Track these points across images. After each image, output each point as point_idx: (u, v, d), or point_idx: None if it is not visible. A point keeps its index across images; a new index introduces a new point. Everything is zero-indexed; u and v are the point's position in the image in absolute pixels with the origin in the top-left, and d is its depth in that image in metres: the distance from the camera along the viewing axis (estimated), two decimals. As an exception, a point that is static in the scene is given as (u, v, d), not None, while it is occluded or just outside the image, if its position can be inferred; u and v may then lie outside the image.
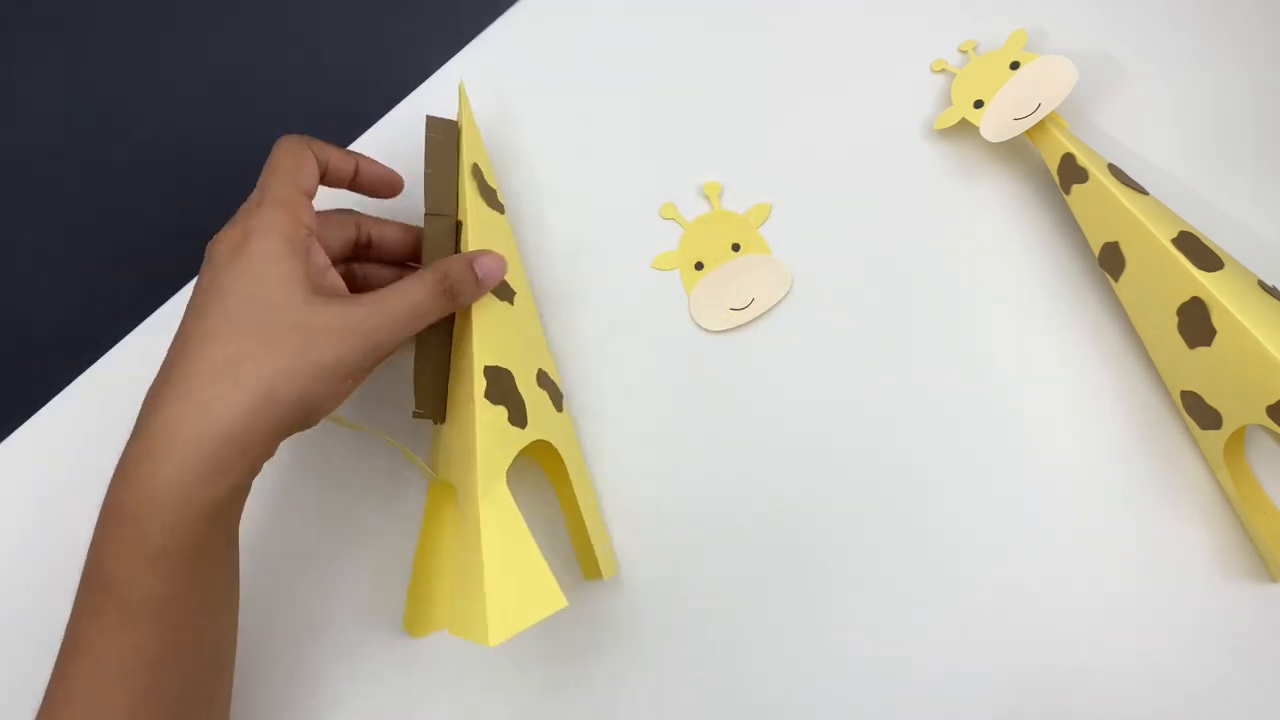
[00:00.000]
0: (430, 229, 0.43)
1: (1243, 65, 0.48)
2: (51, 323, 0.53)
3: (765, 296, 0.48)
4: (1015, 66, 0.48)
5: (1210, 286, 0.39)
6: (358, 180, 0.42)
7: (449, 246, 0.44)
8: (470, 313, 0.42)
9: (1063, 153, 0.45)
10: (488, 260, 0.41)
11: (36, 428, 0.50)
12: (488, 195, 0.47)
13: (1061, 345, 0.45)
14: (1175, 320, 0.40)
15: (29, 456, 0.49)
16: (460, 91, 0.48)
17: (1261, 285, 0.40)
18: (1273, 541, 0.40)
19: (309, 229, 0.38)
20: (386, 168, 0.44)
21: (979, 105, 0.48)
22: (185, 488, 0.33)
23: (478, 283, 0.40)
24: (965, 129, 0.48)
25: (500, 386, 0.41)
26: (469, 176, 0.45)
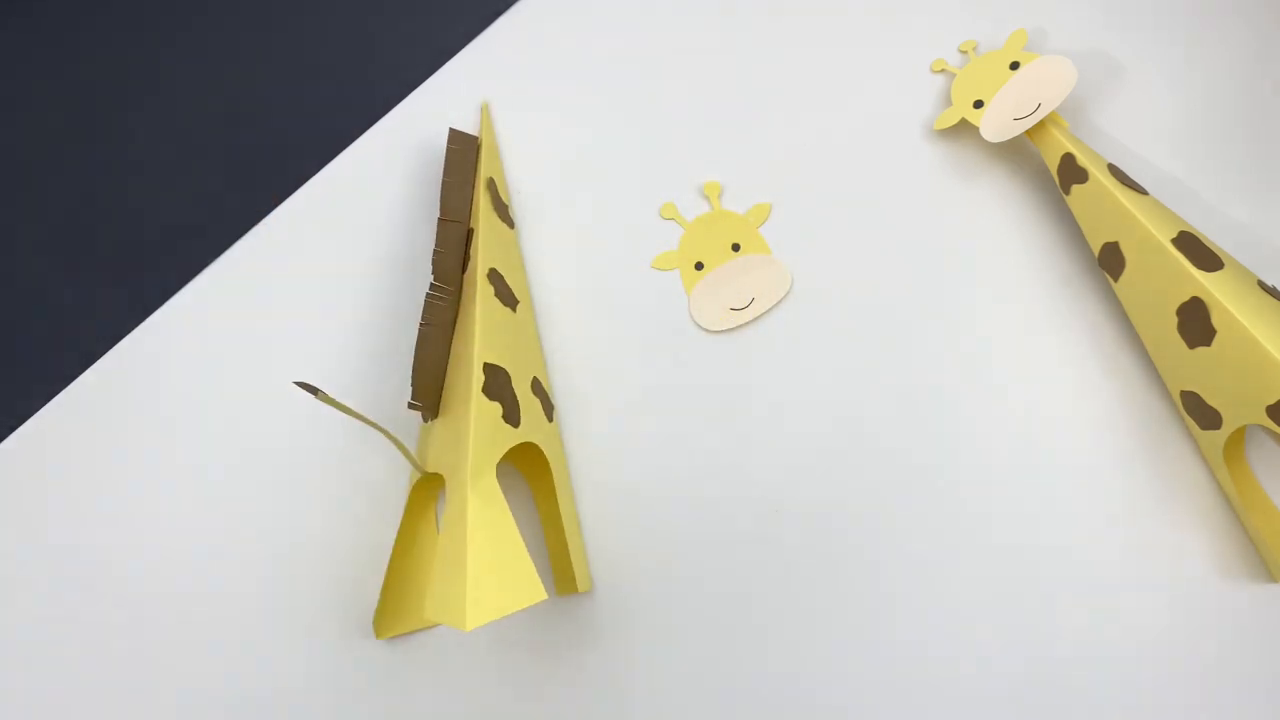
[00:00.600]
0: (442, 233, 0.46)
1: (1243, 65, 0.48)
2: (51, 323, 0.53)
3: (765, 296, 0.48)
4: (1015, 66, 0.48)
5: (1210, 286, 0.39)
6: None
7: (459, 251, 0.46)
8: (474, 310, 0.42)
9: (1062, 153, 0.45)
10: None
11: (36, 428, 0.50)
12: (500, 210, 0.49)
13: (1061, 345, 0.45)
14: (1175, 320, 0.40)
15: (29, 456, 0.49)
16: (484, 111, 0.51)
17: (1261, 285, 0.40)
18: (1273, 541, 0.40)
19: None
20: None
21: (979, 105, 0.48)
22: None
23: None
24: (965, 129, 0.48)
25: (497, 383, 0.41)
26: (484, 189, 0.48)
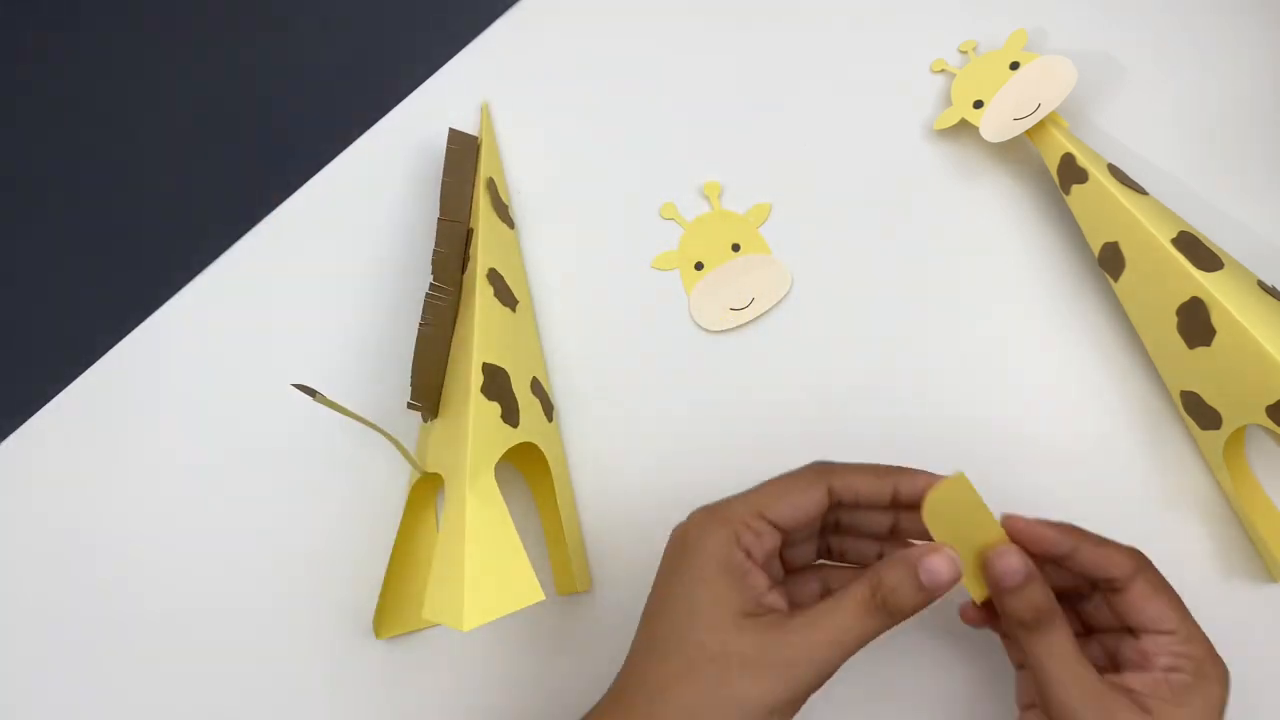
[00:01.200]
0: (441, 232, 0.45)
1: (1243, 65, 0.48)
2: (51, 323, 0.53)
3: (765, 296, 0.48)
4: (1015, 67, 0.48)
5: (1210, 286, 0.39)
6: (898, 500, 0.36)
7: (458, 251, 0.45)
8: (473, 311, 0.42)
9: (1062, 153, 0.45)
10: (936, 562, 0.32)
11: (36, 428, 0.50)
12: (500, 210, 0.48)
13: (1061, 345, 0.45)
14: (1175, 320, 0.40)
15: (29, 456, 0.49)
16: (484, 111, 0.51)
17: (1261, 285, 0.40)
18: (1273, 541, 0.40)
19: (748, 552, 0.34)
20: (927, 476, 0.36)
21: (979, 105, 0.48)
22: None
23: (920, 589, 0.32)
24: (965, 129, 0.48)
25: (496, 384, 0.41)
26: (483, 189, 0.47)
